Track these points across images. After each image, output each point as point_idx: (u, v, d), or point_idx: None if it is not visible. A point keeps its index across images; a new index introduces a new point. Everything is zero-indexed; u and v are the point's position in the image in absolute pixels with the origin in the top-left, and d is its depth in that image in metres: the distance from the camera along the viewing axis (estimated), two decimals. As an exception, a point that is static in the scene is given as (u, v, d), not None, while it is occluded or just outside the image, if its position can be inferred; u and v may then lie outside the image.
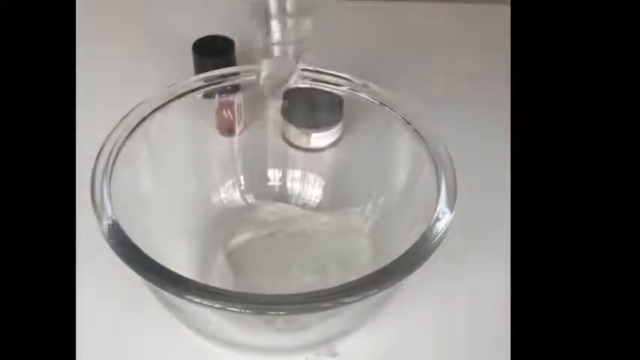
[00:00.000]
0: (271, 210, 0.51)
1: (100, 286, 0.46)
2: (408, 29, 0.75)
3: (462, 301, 0.47)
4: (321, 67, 0.48)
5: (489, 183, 0.52)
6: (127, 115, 0.43)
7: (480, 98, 0.64)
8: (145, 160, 0.44)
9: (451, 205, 0.39)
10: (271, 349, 0.43)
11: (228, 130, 0.52)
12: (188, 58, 0.60)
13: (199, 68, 0.60)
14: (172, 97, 0.46)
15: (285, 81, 0.44)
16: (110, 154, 0.40)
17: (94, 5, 0.71)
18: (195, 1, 0.76)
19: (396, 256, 0.36)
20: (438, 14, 0.77)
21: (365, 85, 0.47)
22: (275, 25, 0.39)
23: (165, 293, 0.35)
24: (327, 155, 0.53)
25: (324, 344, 0.42)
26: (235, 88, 0.49)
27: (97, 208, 0.37)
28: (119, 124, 0.42)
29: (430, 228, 0.38)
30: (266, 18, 0.39)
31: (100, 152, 0.41)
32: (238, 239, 0.49)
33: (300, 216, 0.51)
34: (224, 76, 0.48)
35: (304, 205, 0.52)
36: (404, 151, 0.46)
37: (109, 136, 0.42)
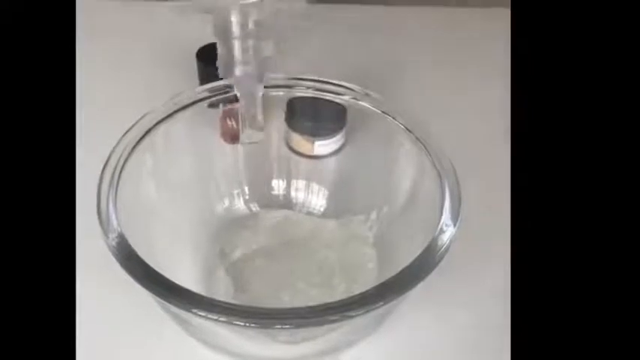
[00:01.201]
0: (275, 219, 0.51)
1: (100, 291, 0.46)
2: (408, 34, 0.75)
3: (466, 311, 0.47)
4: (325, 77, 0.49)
5: (492, 191, 0.52)
6: (131, 128, 0.43)
7: (480, 102, 0.64)
8: (150, 173, 0.44)
9: (455, 216, 0.39)
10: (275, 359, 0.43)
11: (232, 138, 0.53)
12: (192, 66, 0.60)
13: (203, 76, 0.60)
14: (177, 108, 0.46)
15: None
16: (115, 167, 0.41)
17: (94, 12, 0.71)
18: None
19: (401, 266, 0.36)
20: (437, 18, 0.77)
21: (367, 94, 0.48)
22: (237, 45, 0.40)
23: (171, 306, 0.35)
24: (330, 163, 0.53)
25: (329, 355, 0.42)
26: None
27: (103, 222, 0.37)
28: (124, 137, 0.43)
29: (435, 239, 0.38)
30: (227, 37, 0.39)
31: (105, 166, 0.41)
32: (243, 249, 0.49)
33: (305, 224, 0.51)
34: (228, 87, 0.48)
35: (308, 214, 0.52)
36: (406, 159, 0.46)
37: (113, 149, 0.42)
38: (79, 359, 0.38)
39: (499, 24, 0.57)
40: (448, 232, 0.38)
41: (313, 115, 0.51)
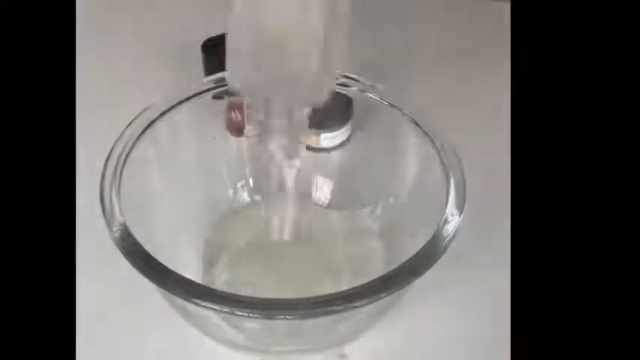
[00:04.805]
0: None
1: (100, 286, 0.46)
2: (414, 25, 0.75)
3: (471, 302, 0.47)
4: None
5: (497, 183, 0.51)
6: (134, 120, 0.43)
7: (480, 96, 0.64)
8: (153, 165, 0.44)
9: (460, 207, 0.39)
10: (278, 352, 0.43)
11: (237, 131, 0.52)
12: (198, 58, 0.60)
13: (209, 68, 0.60)
14: (181, 99, 0.46)
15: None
16: (118, 159, 0.41)
17: (97, 4, 0.71)
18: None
19: (407, 257, 0.36)
20: (442, 9, 0.77)
21: (373, 86, 0.47)
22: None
23: (174, 297, 0.35)
24: (336, 155, 0.53)
25: (333, 346, 0.42)
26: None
27: (107, 214, 0.37)
28: (127, 129, 0.42)
29: (439, 230, 0.38)
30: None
31: (108, 157, 0.41)
32: (247, 241, 0.49)
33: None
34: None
35: (314, 206, 0.52)
36: (412, 152, 0.45)
37: (116, 141, 0.42)
38: (78, 355, 0.39)
39: (503, 16, 0.57)
40: (453, 222, 0.38)
41: (319, 108, 0.51)
